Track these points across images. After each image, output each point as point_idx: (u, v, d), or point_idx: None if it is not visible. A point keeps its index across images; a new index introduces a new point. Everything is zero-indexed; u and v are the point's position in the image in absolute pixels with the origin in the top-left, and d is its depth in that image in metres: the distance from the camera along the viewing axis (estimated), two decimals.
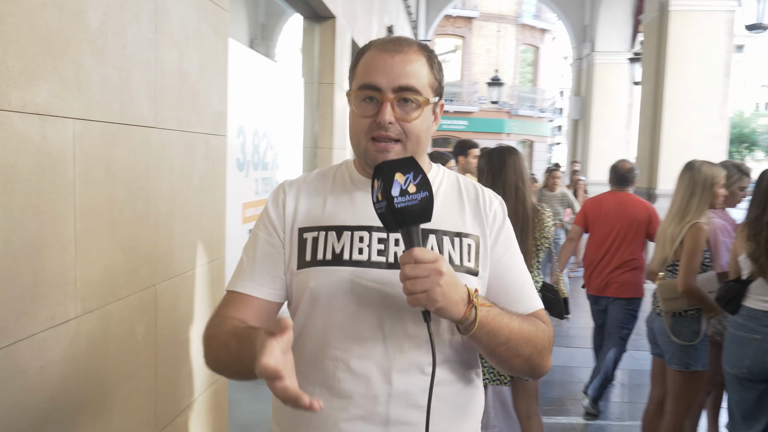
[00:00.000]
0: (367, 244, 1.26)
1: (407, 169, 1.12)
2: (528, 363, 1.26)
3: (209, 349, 1.28)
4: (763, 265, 2.79)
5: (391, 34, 7.49)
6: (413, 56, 1.26)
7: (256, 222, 1.40)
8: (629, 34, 14.37)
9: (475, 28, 26.26)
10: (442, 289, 1.08)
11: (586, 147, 14.80)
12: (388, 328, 1.23)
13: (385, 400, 1.22)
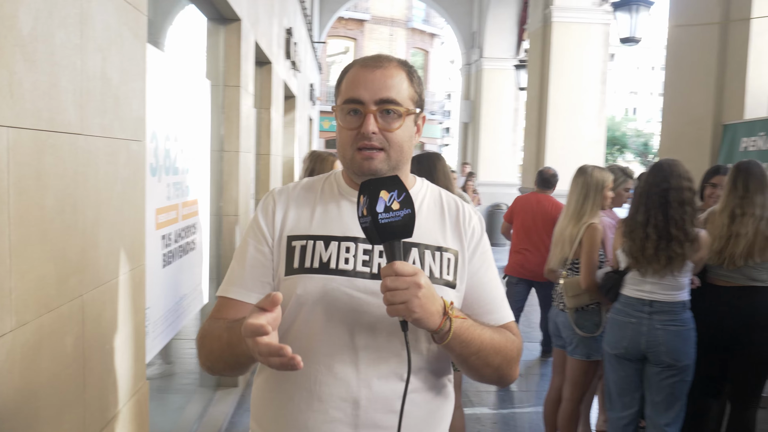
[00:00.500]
0: (353, 255, 1.33)
1: (392, 187, 1.18)
2: (497, 372, 1.35)
3: (203, 347, 1.33)
4: (637, 259, 3.10)
5: (290, 36, 7.48)
6: (393, 71, 1.36)
7: (246, 229, 1.45)
8: (514, 42, 15.10)
9: (367, 31, 26.56)
10: (419, 301, 1.15)
11: (476, 149, 15.39)
12: (368, 336, 1.30)
13: (364, 405, 1.29)
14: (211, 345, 1.31)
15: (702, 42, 5.93)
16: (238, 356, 1.23)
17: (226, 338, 1.24)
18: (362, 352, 1.30)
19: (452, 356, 1.32)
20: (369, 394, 1.29)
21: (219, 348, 1.27)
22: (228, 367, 1.31)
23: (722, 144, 5.65)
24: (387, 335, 1.30)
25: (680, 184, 3.02)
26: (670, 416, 3.07)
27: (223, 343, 1.25)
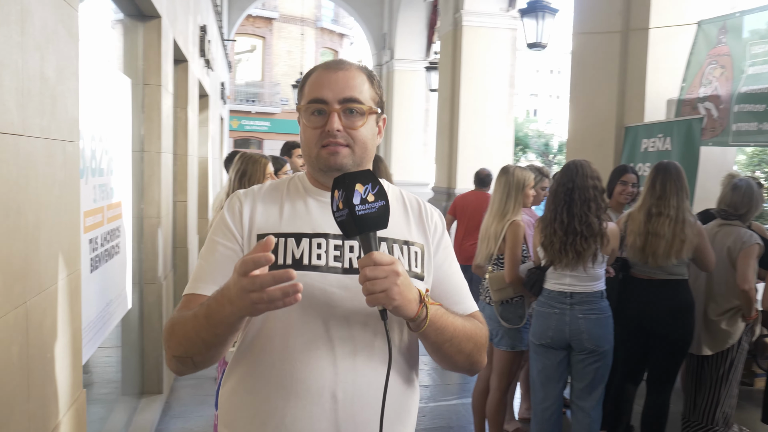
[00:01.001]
0: (325, 251, 1.37)
1: (366, 180, 1.22)
2: (469, 359, 1.41)
3: (173, 336, 1.30)
4: (549, 255, 3.30)
5: (204, 34, 7.33)
6: (354, 73, 1.41)
7: (212, 230, 1.44)
8: (424, 44, 15.40)
9: (276, 29, 26.28)
10: (399, 289, 1.19)
11: (388, 149, 15.57)
12: (344, 330, 1.33)
13: (342, 398, 1.32)
14: (183, 329, 1.27)
15: (605, 49, 6.30)
16: (217, 326, 1.19)
17: (203, 312, 1.21)
18: (338, 346, 1.33)
19: (427, 344, 1.36)
20: (347, 387, 1.32)
21: (194, 327, 1.23)
22: (205, 346, 1.25)
23: (624, 145, 6.03)
24: (362, 328, 1.34)
25: (585, 183, 3.23)
26: (594, 400, 3.29)
27: (200, 319, 1.21)
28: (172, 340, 1.31)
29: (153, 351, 4.43)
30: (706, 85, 5.33)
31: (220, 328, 1.20)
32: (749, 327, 3.73)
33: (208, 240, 1.45)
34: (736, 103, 4.93)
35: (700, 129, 5.03)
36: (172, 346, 1.31)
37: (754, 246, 3.55)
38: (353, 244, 1.38)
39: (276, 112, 26.07)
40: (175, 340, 1.30)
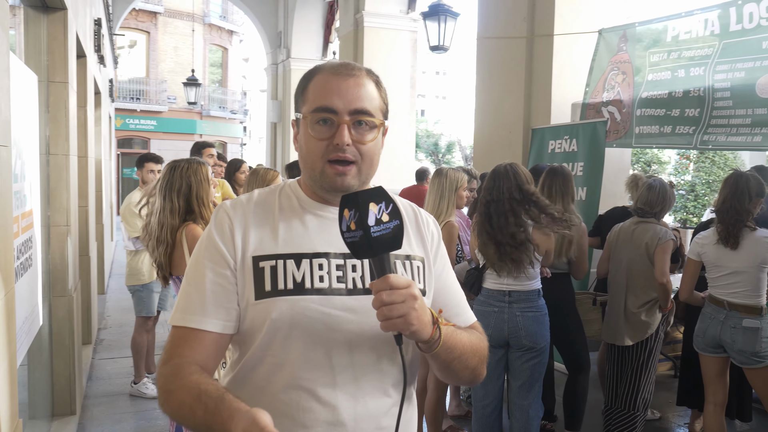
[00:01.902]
0: (327, 272, 1.27)
1: (379, 199, 1.14)
2: (473, 373, 1.36)
3: (167, 403, 1.18)
4: (490, 257, 3.37)
5: (99, 27, 6.89)
6: (365, 80, 1.29)
7: (198, 250, 1.31)
8: (321, 43, 15.31)
9: (161, 24, 25.17)
10: (417, 313, 1.12)
11: (286, 149, 15.35)
12: (352, 355, 1.25)
13: (352, 426, 1.24)
14: (180, 411, 1.16)
15: (511, 54, 6.54)
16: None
17: (202, 418, 1.10)
18: (344, 371, 1.25)
19: (435, 363, 1.31)
20: (355, 414, 1.25)
21: (191, 419, 1.13)
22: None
23: (531, 146, 6.29)
24: (367, 351, 1.27)
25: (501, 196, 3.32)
26: (532, 397, 3.39)
27: (198, 421, 1.11)
28: (167, 407, 1.20)
29: (64, 370, 4.10)
30: (609, 90, 5.66)
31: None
32: (665, 317, 3.99)
33: (195, 261, 1.31)
34: (638, 107, 5.27)
35: (605, 131, 5.32)
36: (166, 408, 1.20)
37: (669, 242, 3.80)
38: (356, 263, 1.30)
39: (163, 111, 24.95)
40: (169, 409, 1.19)
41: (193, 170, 3.06)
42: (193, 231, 2.99)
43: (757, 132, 4.32)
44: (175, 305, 1.30)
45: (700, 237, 3.66)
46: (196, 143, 5.68)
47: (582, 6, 6.10)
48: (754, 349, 3.41)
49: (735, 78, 4.51)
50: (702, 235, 3.66)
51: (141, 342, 4.95)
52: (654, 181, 4.02)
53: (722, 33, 4.67)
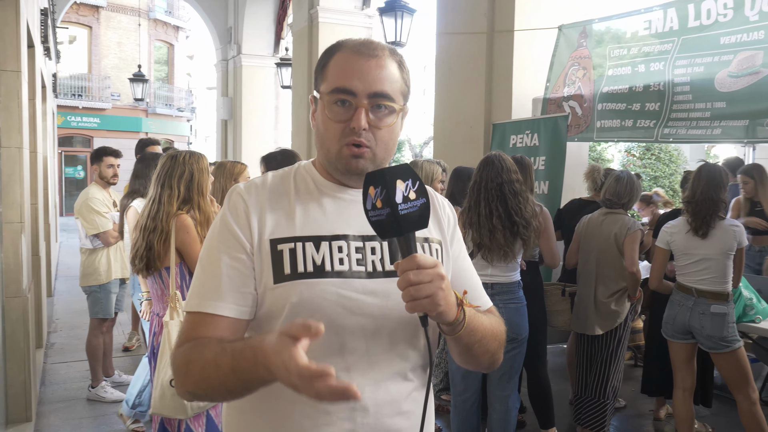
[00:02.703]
0: (346, 254, 1.23)
1: (406, 176, 1.11)
2: (492, 357, 1.33)
3: (188, 375, 1.14)
4: (488, 247, 3.36)
5: (46, 18, 6.61)
6: (387, 61, 1.25)
7: (212, 234, 1.25)
8: (273, 40, 15.11)
9: (104, 19, 24.41)
10: (444, 293, 1.09)
11: (238, 147, 15.09)
12: (372, 338, 1.22)
13: (374, 411, 1.22)
14: (203, 372, 1.12)
15: (471, 49, 6.56)
16: (247, 382, 1.07)
17: (228, 364, 1.07)
18: (364, 356, 1.22)
19: (456, 346, 1.28)
20: (377, 398, 1.22)
21: (217, 375, 1.10)
22: (230, 394, 1.14)
23: (493, 141, 6.32)
24: (387, 335, 1.24)
25: (511, 177, 3.34)
26: (511, 388, 3.40)
27: (226, 370, 1.08)
28: (188, 379, 1.15)
29: (18, 374, 3.91)
30: (570, 85, 5.73)
31: (251, 384, 1.09)
32: (633, 306, 4.07)
33: (208, 247, 1.26)
34: (599, 102, 5.36)
35: (566, 126, 5.39)
36: (188, 384, 1.16)
37: (637, 232, 3.88)
38: (375, 245, 1.26)
39: (106, 108, 24.17)
40: (191, 380, 1.15)
41: (195, 159, 3.05)
42: (184, 221, 2.91)
43: (716, 125, 4.44)
44: (189, 291, 1.25)
45: (668, 226, 3.74)
46: (141, 140, 5.56)
47: (542, 2, 6.16)
48: (721, 334, 3.50)
49: (694, 73, 4.62)
50: (671, 224, 3.74)
51: (97, 345, 4.76)
52: (622, 172, 4.10)
53: (681, 29, 4.79)
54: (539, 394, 3.96)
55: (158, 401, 2.78)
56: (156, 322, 3.01)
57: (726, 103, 4.39)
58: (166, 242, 2.91)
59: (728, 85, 4.37)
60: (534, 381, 3.98)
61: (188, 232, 2.94)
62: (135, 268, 3.01)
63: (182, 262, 2.98)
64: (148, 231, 2.93)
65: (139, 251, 2.95)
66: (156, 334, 3.00)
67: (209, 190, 3.10)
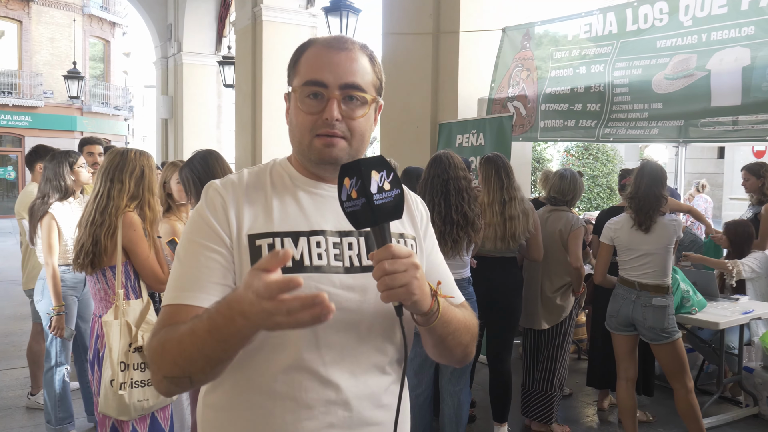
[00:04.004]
0: (324, 249, 1.24)
1: (380, 167, 1.12)
2: (465, 350, 1.36)
3: (165, 355, 1.12)
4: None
5: None
6: (358, 54, 1.27)
7: (189, 229, 1.24)
8: (214, 38, 14.87)
9: (35, 13, 23.47)
10: (418, 282, 1.11)
11: (179, 146, 14.79)
12: (350, 332, 1.23)
13: (355, 405, 1.23)
14: (179, 347, 1.09)
15: (417, 50, 6.62)
16: (225, 342, 1.04)
17: (205, 327, 1.04)
18: (343, 350, 1.23)
19: (430, 338, 1.30)
20: (357, 392, 1.24)
21: (194, 343, 1.07)
22: (209, 363, 1.10)
23: (439, 140, 6.40)
24: (366, 329, 1.25)
25: (458, 174, 3.40)
26: (462, 383, 3.45)
27: (201, 335, 1.05)
28: (165, 360, 1.12)
29: None
30: (514, 85, 5.86)
31: (230, 342, 1.05)
32: (577, 300, 4.20)
33: (186, 241, 1.25)
34: (542, 102, 5.50)
35: (511, 126, 5.51)
36: (164, 366, 1.13)
37: (581, 228, 4.01)
38: (352, 240, 1.28)
39: (39, 106, 23.26)
40: (168, 360, 1.12)
41: (146, 157, 3.02)
42: (131, 219, 2.86)
43: (653, 125, 4.63)
44: (167, 286, 1.23)
45: (612, 222, 3.87)
46: (83, 139, 5.40)
47: (486, 4, 6.27)
48: (662, 325, 3.65)
49: (632, 75, 4.80)
50: (614, 220, 3.87)
51: (39, 351, 4.57)
52: (565, 171, 4.23)
53: (620, 32, 4.97)
54: (501, 387, 3.98)
55: (103, 402, 2.75)
56: (98, 324, 2.93)
57: (662, 104, 4.58)
58: (113, 237, 2.85)
59: (664, 87, 4.56)
60: (497, 375, 3.99)
61: (135, 229, 2.88)
62: (78, 266, 2.92)
63: (127, 261, 2.92)
64: (95, 226, 2.86)
65: (84, 247, 2.86)
66: (100, 337, 2.92)
67: (157, 189, 3.06)
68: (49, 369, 3.96)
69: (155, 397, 2.84)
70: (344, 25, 9.16)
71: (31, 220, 3.94)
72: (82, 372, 4.27)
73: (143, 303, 2.94)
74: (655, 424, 4.49)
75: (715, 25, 4.30)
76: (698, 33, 4.39)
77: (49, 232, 3.78)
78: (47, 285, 3.87)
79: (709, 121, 4.36)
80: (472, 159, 5.68)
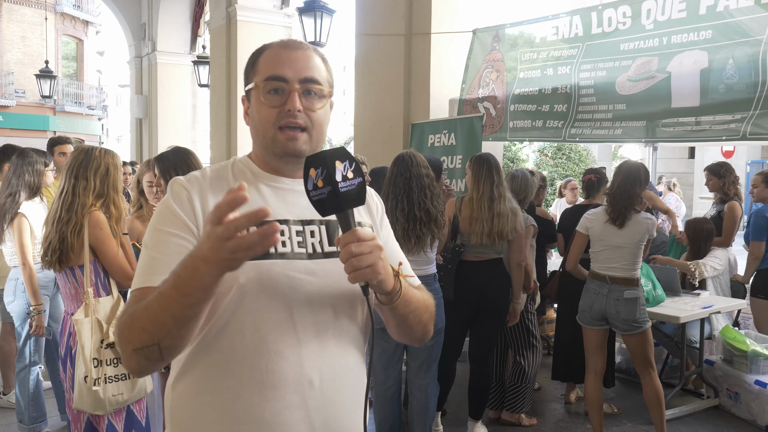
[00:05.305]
0: (288, 237, 1.31)
1: (343, 157, 1.20)
2: (425, 329, 1.45)
3: (134, 325, 1.15)
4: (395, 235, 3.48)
5: None
6: (312, 53, 1.37)
7: (157, 220, 1.30)
8: (189, 37, 14.80)
9: (5, 11, 23.10)
10: (383, 263, 1.20)
11: (154, 146, 14.69)
12: (314, 314, 1.30)
13: (318, 385, 1.29)
14: (146, 313, 1.13)
15: (390, 51, 6.70)
16: (191, 294, 1.08)
17: (170, 284, 1.09)
18: (307, 330, 1.30)
19: (392, 317, 1.37)
20: (321, 372, 1.30)
21: (161, 304, 1.11)
22: (176, 324, 1.12)
23: (412, 140, 6.48)
24: (328, 310, 1.33)
25: (420, 172, 3.48)
26: (429, 376, 3.53)
27: (166, 293, 1.10)
28: (133, 332, 1.16)
29: None
30: (484, 86, 5.97)
31: (195, 296, 1.09)
32: (530, 296, 4.34)
33: (153, 230, 1.30)
34: (511, 103, 5.61)
35: (481, 126, 5.61)
36: (133, 338, 1.16)
37: (530, 227, 4.16)
38: (314, 229, 1.36)
39: (10, 105, 22.88)
40: (136, 330, 1.15)
41: (110, 155, 3.05)
42: (97, 218, 2.90)
43: (617, 125, 4.76)
44: (135, 273, 1.28)
45: (590, 213, 4.00)
46: (51, 139, 5.32)
47: (457, 6, 6.37)
48: (635, 316, 3.78)
49: (597, 77, 4.94)
50: (592, 212, 4.00)
51: (10, 350, 4.56)
52: (516, 171, 4.37)
53: (585, 35, 5.10)
54: (480, 386, 4.04)
55: (77, 398, 2.78)
56: (70, 322, 2.96)
57: (626, 105, 4.72)
58: (80, 235, 2.88)
59: (627, 88, 4.69)
60: (479, 374, 4.03)
61: (102, 228, 2.92)
62: (47, 263, 2.95)
63: (96, 260, 2.95)
64: (61, 223, 2.89)
65: (52, 244, 2.90)
66: (72, 335, 2.95)
67: (122, 187, 3.10)
68: (23, 368, 3.97)
69: (129, 391, 2.89)
70: (318, 26, 9.20)
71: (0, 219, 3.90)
72: (54, 371, 4.27)
73: (113, 299, 2.98)
74: (620, 417, 4.62)
75: (675, 28, 4.45)
76: (659, 36, 4.54)
77: (21, 232, 3.77)
78: (18, 285, 3.87)
79: (670, 122, 4.50)
80: (444, 159, 5.78)
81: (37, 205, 3.93)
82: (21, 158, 3.92)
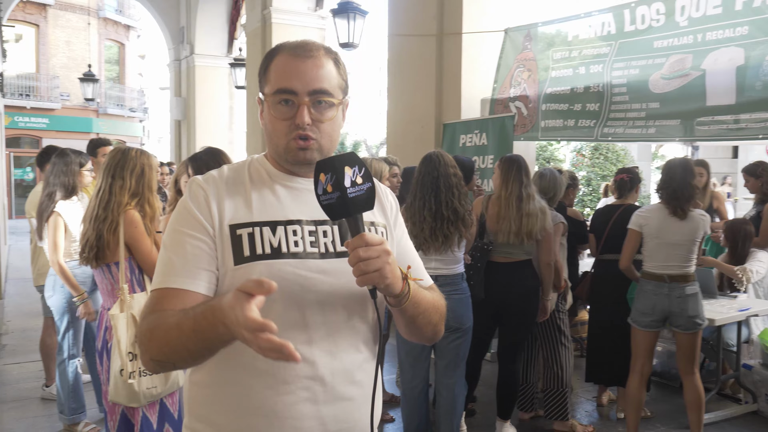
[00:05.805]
0: (301, 237, 1.35)
1: (353, 163, 1.23)
2: (435, 329, 1.47)
3: (152, 341, 1.23)
4: (419, 240, 3.49)
5: None
6: (323, 60, 1.37)
7: (175, 220, 1.34)
8: (226, 40, 15.04)
9: (51, 17, 23.82)
10: (390, 267, 1.22)
11: (192, 147, 14.96)
12: (325, 314, 1.33)
13: (329, 380, 1.33)
14: (167, 336, 1.20)
15: (422, 51, 6.72)
16: (207, 341, 1.16)
17: (190, 326, 1.16)
18: (319, 329, 1.33)
19: (402, 318, 1.41)
20: (332, 369, 1.34)
21: (179, 337, 1.18)
22: (191, 356, 1.22)
23: (443, 140, 6.49)
24: (339, 309, 1.36)
25: (447, 171, 3.49)
26: (457, 375, 3.54)
27: (187, 331, 1.16)
28: (152, 345, 1.24)
29: None
30: (516, 86, 5.94)
31: (212, 342, 1.17)
32: (561, 296, 4.29)
33: (172, 231, 1.35)
34: (543, 102, 5.57)
35: (513, 125, 5.59)
36: (152, 350, 1.25)
37: (559, 225, 4.12)
38: (327, 229, 1.39)
39: (56, 108, 23.61)
40: (155, 346, 1.24)
41: (146, 156, 3.15)
42: (132, 217, 2.99)
43: (651, 124, 4.69)
44: (155, 273, 1.34)
45: (643, 210, 3.96)
46: (92, 140, 5.46)
47: (488, 6, 6.35)
48: (697, 312, 3.74)
49: (630, 75, 4.87)
50: (646, 208, 3.98)
51: (51, 344, 4.72)
52: (545, 170, 4.34)
53: (618, 33, 5.03)
54: (509, 386, 4.02)
55: (113, 390, 2.87)
56: (106, 317, 3.06)
57: (660, 103, 4.64)
58: (115, 232, 2.98)
59: (661, 86, 4.62)
60: (507, 374, 4.01)
61: (136, 226, 3.01)
62: (84, 260, 3.05)
63: (131, 257, 3.05)
64: (98, 221, 2.99)
65: (89, 241, 3.00)
66: (108, 329, 3.05)
67: (156, 187, 3.19)
68: (62, 361, 4.11)
69: (163, 384, 2.97)
70: (351, 28, 9.26)
71: (38, 218, 4.07)
72: (92, 364, 4.41)
73: (147, 295, 3.07)
74: (652, 420, 4.55)
75: (709, 25, 4.36)
76: (693, 33, 4.45)
77: (55, 230, 3.89)
78: (57, 281, 4.00)
79: (706, 120, 4.41)
80: (475, 159, 5.77)
81: (75, 204, 4.06)
82: (59, 158, 4.06)
